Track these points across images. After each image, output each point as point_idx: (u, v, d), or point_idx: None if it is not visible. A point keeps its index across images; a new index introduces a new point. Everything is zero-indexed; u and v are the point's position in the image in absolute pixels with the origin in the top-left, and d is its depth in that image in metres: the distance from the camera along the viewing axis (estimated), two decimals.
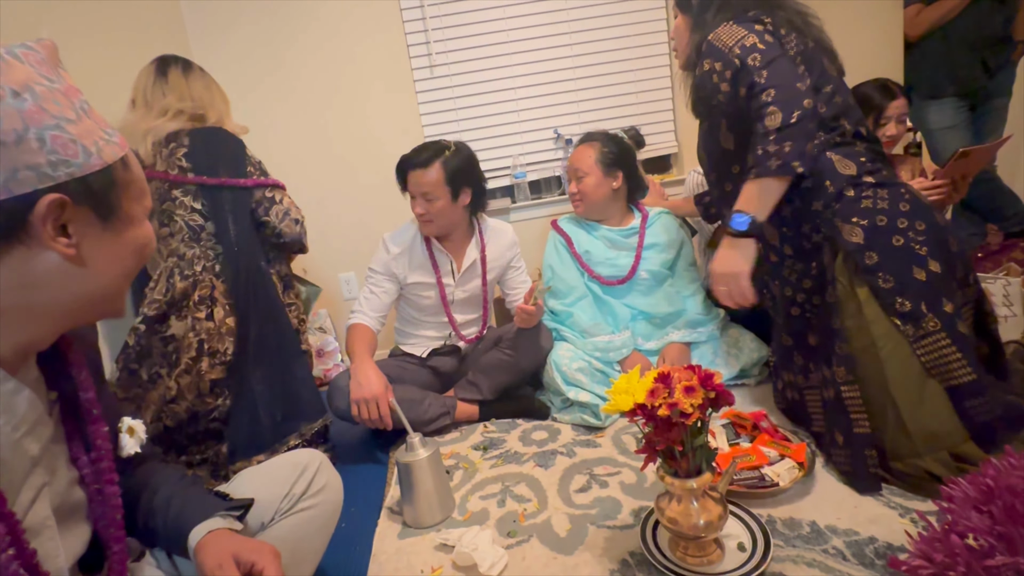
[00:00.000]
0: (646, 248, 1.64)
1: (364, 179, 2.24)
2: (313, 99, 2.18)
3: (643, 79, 2.32)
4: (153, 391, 1.23)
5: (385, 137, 2.22)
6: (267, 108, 2.14)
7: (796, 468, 1.05)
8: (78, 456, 0.60)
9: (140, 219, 0.58)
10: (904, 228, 1.03)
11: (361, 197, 2.24)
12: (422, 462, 1.08)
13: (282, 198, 1.37)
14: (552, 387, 1.50)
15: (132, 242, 0.57)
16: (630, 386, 0.84)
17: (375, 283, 1.54)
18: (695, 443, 0.82)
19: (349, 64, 2.18)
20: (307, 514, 0.82)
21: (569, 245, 1.67)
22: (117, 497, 0.61)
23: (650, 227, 1.66)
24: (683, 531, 0.84)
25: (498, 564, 0.92)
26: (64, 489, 0.58)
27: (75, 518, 0.60)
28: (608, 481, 1.15)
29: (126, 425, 0.68)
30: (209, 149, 1.31)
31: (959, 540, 0.42)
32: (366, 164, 2.24)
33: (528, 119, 2.30)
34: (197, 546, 0.64)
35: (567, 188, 1.69)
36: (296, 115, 2.18)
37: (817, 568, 0.82)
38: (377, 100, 2.21)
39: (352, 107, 2.20)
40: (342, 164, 2.23)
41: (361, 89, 2.20)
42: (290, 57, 2.15)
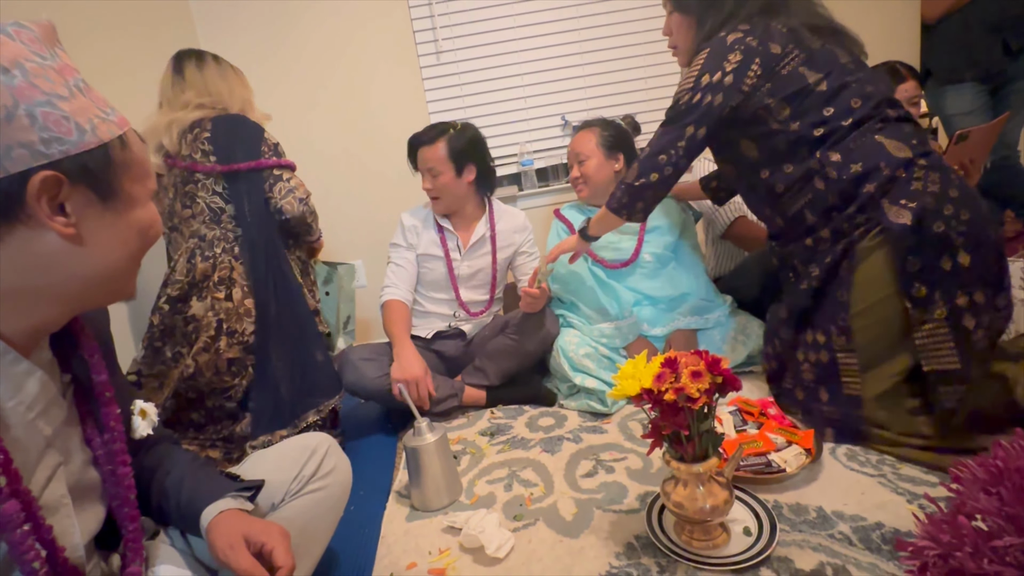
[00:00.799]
0: (648, 231, 1.65)
1: (370, 167, 2.24)
2: (318, 86, 2.17)
3: (651, 64, 2.29)
4: (175, 369, 1.28)
5: (391, 124, 2.22)
6: (272, 96, 2.13)
7: (803, 454, 1.04)
8: (92, 437, 0.61)
9: (143, 200, 0.57)
10: (948, 215, 1.01)
11: (367, 185, 2.25)
12: (429, 446, 1.09)
13: (289, 177, 1.38)
14: (559, 373, 1.50)
15: (135, 223, 0.56)
16: (637, 371, 0.84)
17: (399, 256, 1.62)
18: (701, 428, 0.82)
19: (354, 51, 2.17)
20: (317, 496, 0.83)
21: (572, 232, 1.67)
22: (130, 478, 0.63)
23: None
24: (689, 515, 0.84)
25: (504, 546, 0.93)
26: (79, 469, 0.60)
27: (90, 497, 0.61)
28: (614, 466, 1.15)
29: (138, 408, 0.69)
30: (230, 134, 1.33)
31: (966, 521, 0.42)
32: (372, 151, 2.24)
33: (535, 105, 2.29)
34: (208, 526, 0.65)
35: (572, 173, 1.69)
36: (301, 102, 2.17)
37: (823, 553, 0.82)
38: (382, 87, 2.20)
39: (357, 94, 2.20)
40: (348, 151, 2.23)
41: (366, 76, 2.19)
42: (294, 45, 2.14)
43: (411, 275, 1.61)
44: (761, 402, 1.23)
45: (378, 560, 0.97)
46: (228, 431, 1.30)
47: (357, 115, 2.21)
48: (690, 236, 1.70)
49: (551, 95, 2.28)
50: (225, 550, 0.62)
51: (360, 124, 2.21)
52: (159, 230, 0.61)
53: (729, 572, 0.81)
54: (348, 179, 2.25)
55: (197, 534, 0.68)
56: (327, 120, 2.20)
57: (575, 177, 1.66)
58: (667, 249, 1.65)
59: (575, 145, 1.66)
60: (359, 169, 2.24)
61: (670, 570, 0.84)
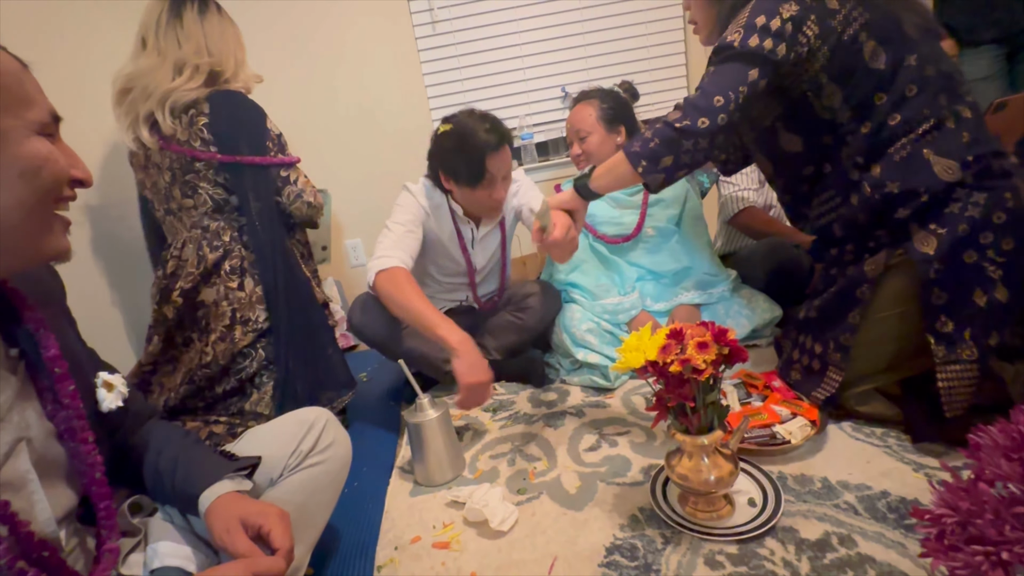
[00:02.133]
0: (651, 204, 1.61)
1: (368, 144, 2.20)
2: (311, 58, 2.11)
3: (654, 31, 2.22)
4: (186, 353, 1.28)
5: (388, 99, 2.17)
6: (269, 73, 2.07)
7: (808, 426, 1.04)
8: (54, 413, 0.59)
9: (17, 135, 0.48)
10: (985, 244, 0.88)
11: (365, 162, 2.20)
12: (432, 422, 1.08)
13: (296, 178, 1.32)
14: (561, 349, 1.49)
15: (13, 164, 0.48)
16: (641, 343, 0.83)
17: (404, 220, 1.37)
18: (707, 400, 0.81)
19: (347, 21, 2.10)
20: (316, 470, 0.83)
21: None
22: (95, 455, 0.60)
23: None
24: (693, 487, 0.84)
25: (508, 519, 0.93)
26: (43, 444, 0.57)
27: (60, 472, 0.59)
28: (617, 440, 1.15)
29: (101, 380, 0.66)
30: (231, 120, 1.25)
31: (987, 488, 0.40)
32: (369, 127, 2.19)
33: (534, 76, 2.23)
34: (207, 510, 0.65)
35: (572, 150, 1.62)
36: (296, 79, 2.11)
37: (828, 522, 0.82)
38: (378, 60, 2.14)
39: (353, 68, 2.14)
40: (342, 126, 2.18)
41: (361, 49, 2.13)
42: (287, 24, 2.07)
43: (415, 249, 1.36)
44: (765, 375, 1.22)
45: (382, 534, 0.97)
46: (237, 407, 1.29)
47: (354, 89, 2.15)
48: (694, 207, 1.66)
49: (550, 66, 2.22)
50: (222, 534, 0.61)
51: (355, 97, 2.16)
52: (56, 169, 0.51)
53: (734, 542, 0.81)
54: (344, 156, 2.20)
55: (196, 514, 0.68)
56: (321, 94, 2.14)
57: (576, 155, 1.59)
58: (670, 222, 1.62)
59: (574, 121, 1.58)
60: (355, 144, 2.19)
61: (675, 541, 0.83)
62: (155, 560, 0.67)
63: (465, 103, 2.22)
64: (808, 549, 0.78)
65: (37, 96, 0.51)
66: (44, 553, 0.54)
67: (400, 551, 0.91)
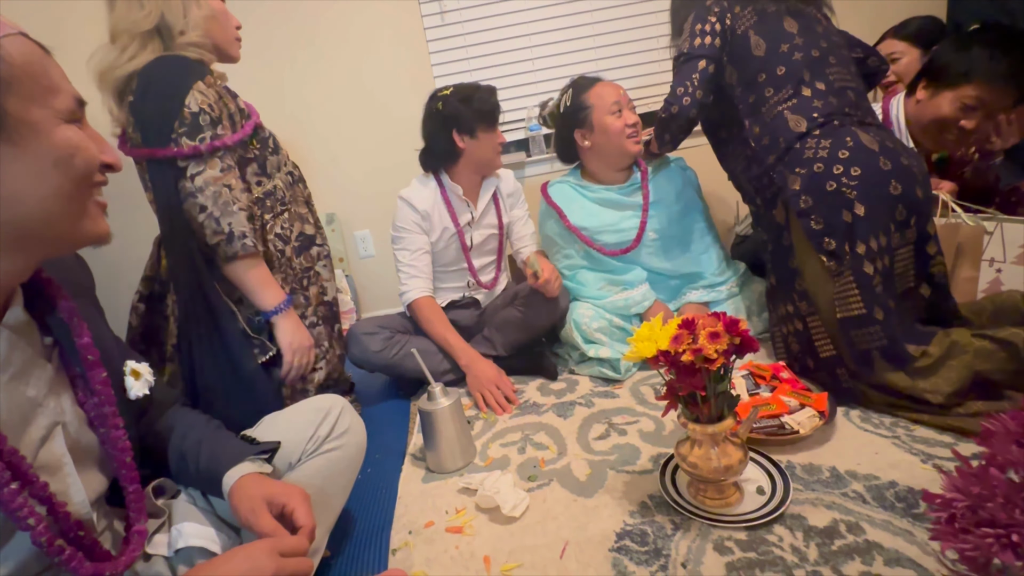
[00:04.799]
0: (653, 204, 1.53)
1: (376, 135, 2.20)
2: (321, 52, 2.11)
3: (662, 23, 2.20)
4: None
5: (396, 89, 2.16)
6: (277, 65, 2.08)
7: (816, 416, 1.04)
8: (85, 400, 0.61)
9: (48, 125, 0.48)
10: (838, 174, 1.12)
11: (373, 152, 2.20)
12: (444, 411, 1.10)
13: (196, 172, 1.02)
14: (571, 342, 1.50)
15: (46, 154, 0.48)
16: (653, 333, 0.84)
17: (411, 242, 1.51)
18: (718, 389, 0.82)
19: (356, 13, 2.10)
20: (333, 455, 0.85)
21: (563, 219, 1.55)
22: (124, 440, 0.62)
23: (653, 180, 1.55)
24: (703, 475, 0.85)
25: (520, 506, 0.95)
26: (77, 430, 0.59)
27: (92, 457, 0.61)
28: (627, 429, 1.16)
29: (129, 368, 0.68)
30: (144, 98, 1.01)
31: (998, 473, 0.41)
32: (378, 118, 2.19)
33: (543, 68, 2.22)
34: (231, 490, 0.67)
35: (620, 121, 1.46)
36: (305, 70, 2.12)
37: (836, 511, 0.83)
38: (387, 50, 2.14)
39: (361, 59, 2.13)
40: (351, 114, 2.18)
41: (369, 39, 2.12)
42: (294, 11, 2.07)
43: (429, 262, 1.53)
44: (773, 366, 1.22)
45: (396, 519, 0.99)
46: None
47: (361, 79, 2.15)
48: (692, 198, 1.59)
49: (560, 56, 2.21)
50: (247, 514, 0.63)
51: (364, 87, 2.15)
52: (88, 156, 0.51)
53: (743, 528, 0.82)
54: (353, 147, 2.20)
55: (220, 495, 0.70)
56: (329, 85, 2.15)
57: (634, 123, 1.48)
58: (672, 222, 1.55)
59: (620, 91, 1.50)
60: (363, 135, 2.20)
61: (684, 527, 0.85)
62: (179, 540, 0.69)
63: None
64: (816, 536, 0.79)
65: (62, 83, 0.51)
66: (80, 533, 0.56)
67: (414, 535, 0.94)
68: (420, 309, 1.50)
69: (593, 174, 1.60)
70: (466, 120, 1.46)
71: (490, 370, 1.40)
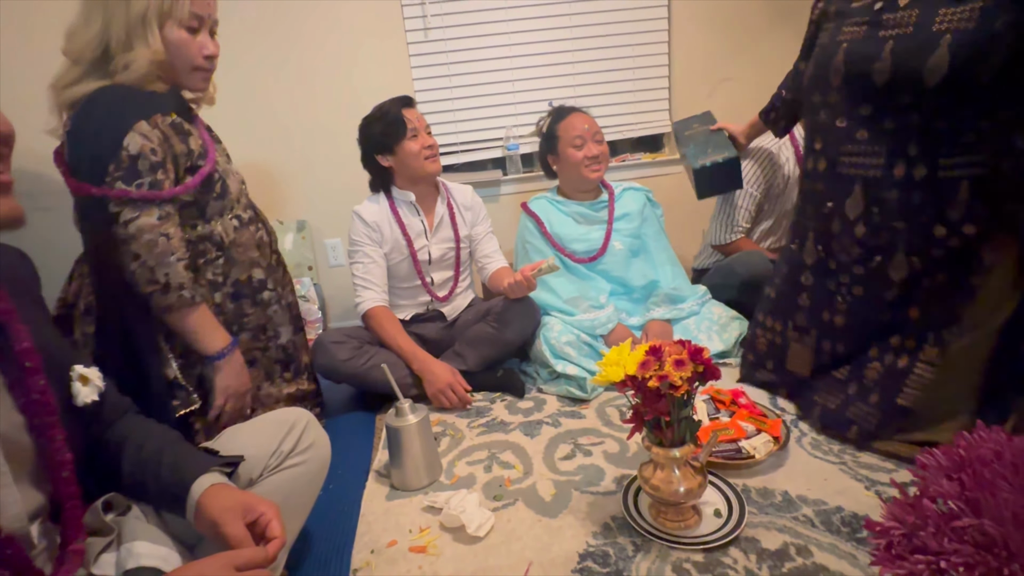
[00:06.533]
0: (618, 218, 1.70)
1: (351, 144, 2.18)
2: (301, 60, 2.09)
3: (640, 55, 2.30)
4: None
5: (375, 100, 2.15)
6: (253, 72, 2.05)
7: (771, 442, 1.09)
8: (27, 406, 0.58)
9: None
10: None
11: (348, 162, 2.17)
12: (411, 427, 1.09)
13: (130, 218, 0.94)
14: (539, 359, 1.52)
15: None
16: (621, 358, 0.87)
17: (366, 255, 1.56)
18: (681, 415, 0.85)
19: (340, 23, 2.10)
20: (296, 470, 0.83)
21: (540, 226, 1.69)
22: (64, 452, 0.59)
23: (619, 200, 1.72)
24: (664, 497, 0.88)
25: (485, 525, 0.95)
26: (14, 437, 0.56)
27: (30, 468, 0.58)
28: (592, 450, 1.18)
29: (77, 374, 0.65)
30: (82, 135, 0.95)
31: (930, 504, 0.45)
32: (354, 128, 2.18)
33: (522, 89, 2.27)
34: (201, 498, 0.64)
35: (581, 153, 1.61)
36: (283, 78, 2.09)
37: (787, 534, 0.87)
38: (368, 63, 2.14)
39: (341, 70, 2.13)
40: (329, 127, 2.17)
41: (352, 52, 2.12)
42: (277, 20, 2.05)
43: (384, 272, 1.57)
44: (733, 392, 1.28)
45: (358, 537, 0.98)
46: None
47: (340, 91, 2.14)
48: (653, 221, 1.74)
49: (539, 79, 2.26)
50: (217, 516, 0.61)
51: (343, 99, 2.15)
52: None
53: (700, 551, 0.85)
54: (328, 157, 2.19)
55: (177, 510, 0.67)
56: (308, 95, 2.13)
57: (595, 155, 1.62)
58: (634, 237, 1.70)
59: (589, 122, 1.64)
60: (341, 146, 2.18)
61: (644, 548, 0.87)
62: (129, 560, 0.66)
63: (452, 110, 2.25)
64: (768, 558, 0.83)
65: None
66: (8, 551, 0.53)
67: (376, 554, 0.92)
68: (373, 318, 1.51)
69: (566, 192, 1.75)
70: (379, 140, 1.53)
71: (444, 372, 1.44)
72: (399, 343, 1.48)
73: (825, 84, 1.10)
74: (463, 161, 2.30)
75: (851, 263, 1.11)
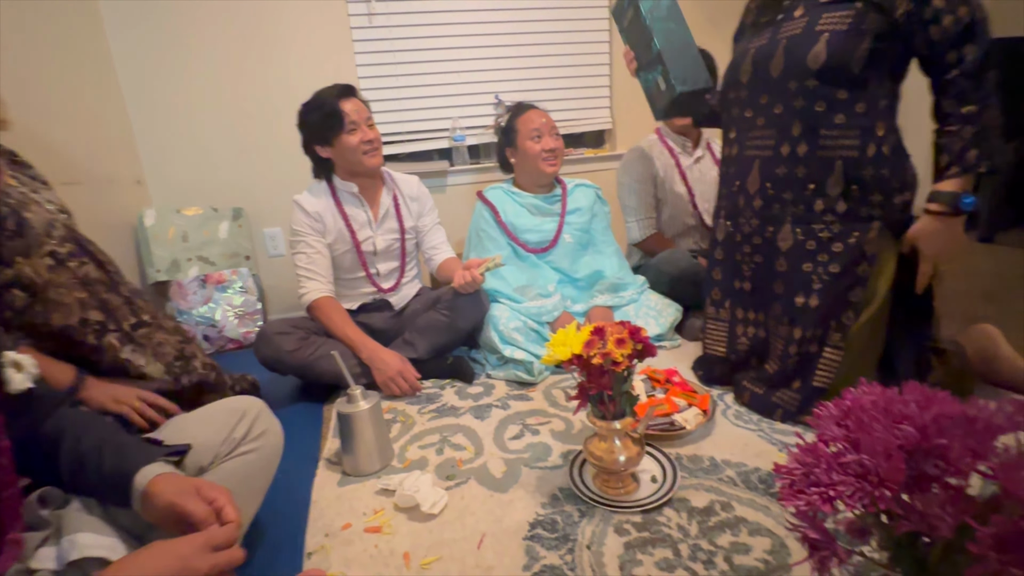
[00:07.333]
0: (569, 213, 1.77)
1: (291, 134, 2.11)
2: (237, 42, 2.00)
3: (582, 52, 2.38)
4: None
5: (315, 84, 2.09)
6: (185, 52, 1.94)
7: (700, 415, 1.20)
8: None
9: None
10: None
11: (288, 150, 2.11)
12: (363, 413, 1.10)
13: None
14: (488, 345, 1.57)
15: None
16: (567, 339, 0.93)
17: (308, 245, 1.53)
18: (622, 389, 0.93)
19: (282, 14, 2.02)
20: (249, 457, 0.83)
21: (496, 215, 1.73)
22: (1, 438, 0.57)
23: (571, 195, 1.80)
24: (606, 466, 0.96)
25: (439, 503, 0.98)
26: None
27: None
28: (540, 429, 1.25)
29: (10, 359, 0.62)
30: None
31: (823, 447, 0.54)
32: (293, 112, 2.11)
33: (469, 81, 2.29)
34: (148, 485, 0.63)
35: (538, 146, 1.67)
36: (217, 60, 1.99)
37: (713, 493, 0.98)
38: (308, 46, 2.08)
39: (279, 52, 2.06)
40: (267, 114, 2.09)
41: (290, 34, 2.05)
42: (213, 5, 1.95)
43: (328, 262, 1.54)
44: (667, 371, 1.38)
45: (311, 523, 0.98)
46: None
47: (279, 73, 2.07)
48: (602, 217, 1.83)
49: (485, 72, 2.29)
50: (174, 496, 0.60)
51: (282, 83, 2.07)
52: None
53: (638, 512, 0.93)
54: (266, 145, 2.11)
55: (121, 502, 0.66)
56: (245, 82, 2.04)
57: (551, 149, 1.68)
58: (583, 231, 1.78)
59: (545, 117, 1.70)
60: (279, 132, 2.10)
61: (589, 514, 0.94)
62: (72, 552, 0.64)
63: (398, 99, 2.23)
64: (697, 515, 0.92)
65: None
66: None
67: (331, 537, 0.93)
68: (319, 309, 1.49)
69: (522, 184, 1.79)
70: (316, 131, 1.49)
71: (393, 360, 1.44)
72: (347, 333, 1.46)
73: (737, 83, 1.26)
74: (408, 151, 2.29)
75: (752, 234, 1.27)
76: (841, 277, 1.15)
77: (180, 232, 1.99)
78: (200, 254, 2.01)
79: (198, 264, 2.00)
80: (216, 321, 1.93)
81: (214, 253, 2.04)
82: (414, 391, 1.45)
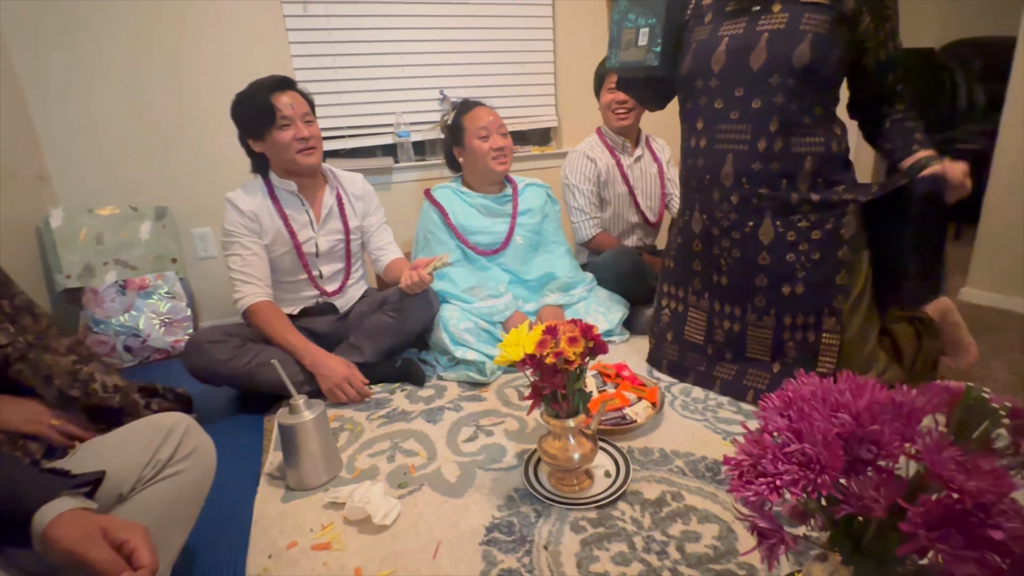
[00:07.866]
0: (521, 213, 1.75)
1: (221, 127, 1.97)
2: (161, 27, 1.84)
3: (528, 50, 2.38)
4: None
5: (247, 76, 1.97)
6: (104, 38, 1.75)
7: (650, 407, 1.24)
8: None
9: None
10: None
11: (218, 146, 1.98)
12: (307, 424, 1.04)
13: None
14: (439, 347, 1.54)
15: None
16: (520, 339, 0.92)
17: (243, 246, 1.43)
18: (575, 387, 0.93)
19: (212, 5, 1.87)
20: (176, 480, 0.76)
21: (444, 217, 1.67)
22: None
23: (522, 195, 1.77)
24: (561, 464, 0.96)
25: (391, 513, 0.95)
26: None
27: None
28: (493, 430, 1.23)
29: None
30: None
31: (768, 437, 0.56)
32: (223, 109, 1.97)
33: (413, 76, 2.23)
34: (48, 527, 0.56)
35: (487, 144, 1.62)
36: (140, 46, 1.82)
37: (664, 484, 1.00)
38: (238, 35, 1.94)
39: (206, 40, 1.91)
40: (194, 106, 1.94)
41: (216, 19, 1.91)
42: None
43: (265, 264, 1.44)
44: (617, 366, 1.41)
45: (252, 544, 0.92)
46: None
47: (207, 62, 1.92)
48: (553, 218, 1.83)
49: (430, 67, 2.24)
50: (75, 544, 0.54)
51: (210, 72, 1.93)
52: None
53: (593, 508, 0.94)
54: (194, 140, 1.95)
55: (20, 543, 0.58)
56: (167, 64, 1.87)
57: (501, 147, 1.64)
58: (534, 232, 1.76)
59: (493, 115, 1.65)
60: (208, 126, 1.96)
61: (545, 514, 0.94)
62: None
63: (337, 92, 2.13)
64: (650, 507, 0.94)
65: None
66: None
67: (275, 559, 0.88)
68: (257, 314, 1.40)
69: (471, 184, 1.74)
70: (247, 125, 1.41)
71: (339, 366, 1.38)
72: (288, 339, 1.39)
73: (707, 71, 1.24)
74: (350, 147, 2.20)
75: (731, 228, 1.28)
76: (823, 263, 1.19)
77: (93, 234, 1.81)
78: (118, 257, 1.84)
79: (116, 268, 1.83)
80: (139, 330, 1.78)
81: (135, 256, 1.87)
82: (362, 397, 1.40)
